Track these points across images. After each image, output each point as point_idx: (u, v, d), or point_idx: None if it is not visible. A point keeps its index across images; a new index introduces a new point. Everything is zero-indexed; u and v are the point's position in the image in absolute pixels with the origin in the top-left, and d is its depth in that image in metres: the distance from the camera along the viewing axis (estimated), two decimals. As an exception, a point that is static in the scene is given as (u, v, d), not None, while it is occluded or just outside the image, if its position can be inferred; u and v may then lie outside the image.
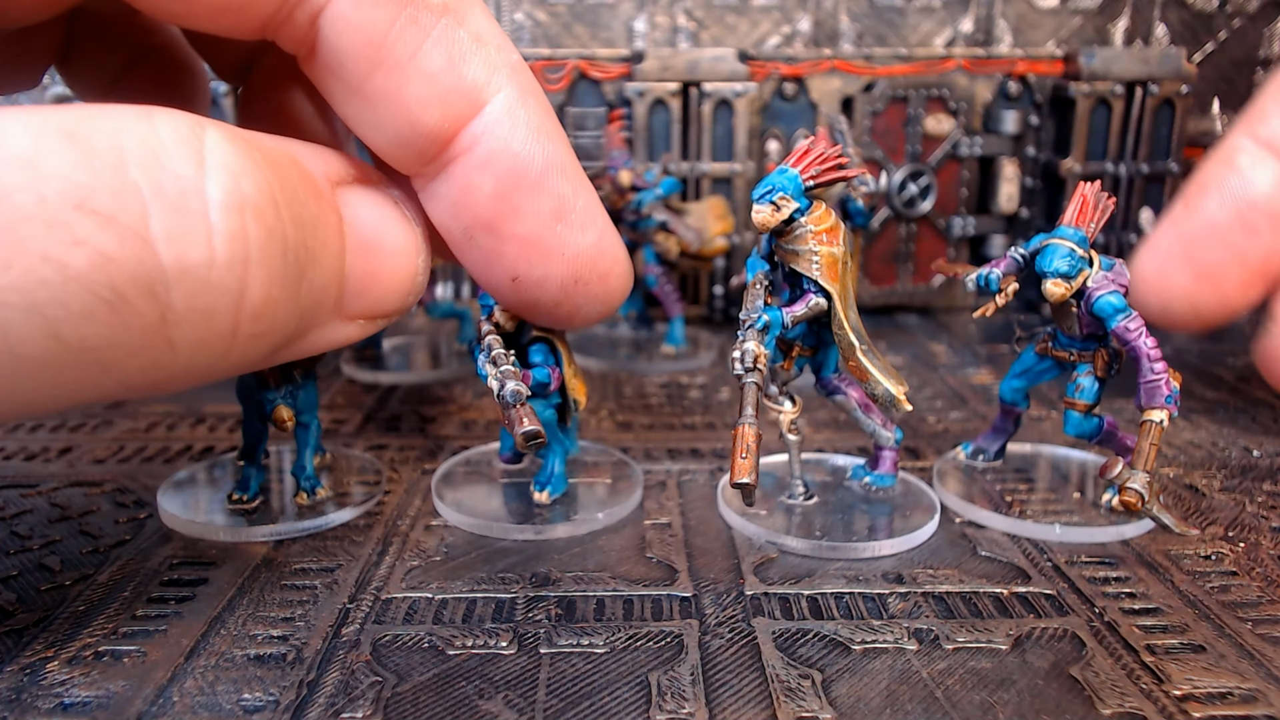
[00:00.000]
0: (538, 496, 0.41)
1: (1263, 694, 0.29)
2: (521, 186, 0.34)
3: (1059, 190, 0.74)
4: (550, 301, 0.36)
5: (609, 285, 0.37)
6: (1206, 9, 0.80)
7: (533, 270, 0.35)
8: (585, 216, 0.36)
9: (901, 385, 0.39)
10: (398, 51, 0.32)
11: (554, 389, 0.39)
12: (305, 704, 0.28)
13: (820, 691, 0.29)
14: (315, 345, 0.31)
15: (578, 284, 0.36)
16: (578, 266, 0.36)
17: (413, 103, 0.32)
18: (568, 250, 0.35)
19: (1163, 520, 0.36)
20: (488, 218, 0.34)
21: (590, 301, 0.37)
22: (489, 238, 0.35)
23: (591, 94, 0.73)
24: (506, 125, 0.33)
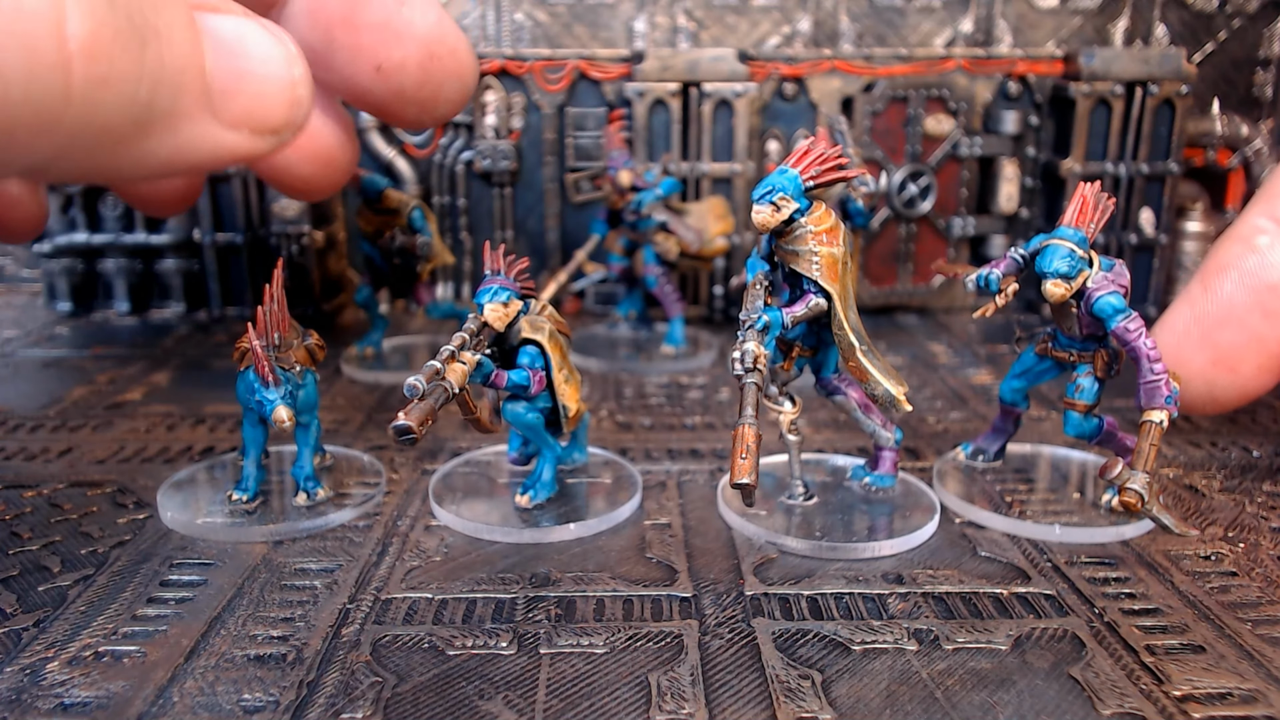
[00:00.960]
0: (519, 500, 0.40)
1: (1263, 694, 0.29)
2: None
3: (1059, 190, 0.74)
4: (414, 85, 0.41)
5: (460, 60, 0.42)
6: (1206, 9, 0.80)
7: (392, 53, 0.40)
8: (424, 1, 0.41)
9: (901, 385, 0.39)
10: None
11: (536, 392, 0.39)
12: (305, 704, 0.28)
13: (820, 692, 0.29)
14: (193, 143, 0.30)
15: (433, 59, 0.41)
16: (429, 43, 0.41)
17: None
18: (416, 29, 0.41)
19: (1163, 521, 0.36)
20: (342, 11, 0.39)
21: (448, 78, 0.42)
22: (346, 32, 0.40)
23: (591, 94, 0.73)
24: None
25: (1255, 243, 0.41)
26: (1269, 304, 0.40)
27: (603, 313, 0.74)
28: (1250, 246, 0.41)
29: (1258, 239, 0.41)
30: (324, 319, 0.72)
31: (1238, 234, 0.42)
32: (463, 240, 0.76)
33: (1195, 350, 0.41)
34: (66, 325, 0.72)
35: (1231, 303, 0.41)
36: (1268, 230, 0.41)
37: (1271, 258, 0.40)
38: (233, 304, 0.74)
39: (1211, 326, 0.41)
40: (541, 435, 0.40)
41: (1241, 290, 0.40)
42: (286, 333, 0.39)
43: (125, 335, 0.69)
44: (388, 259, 0.60)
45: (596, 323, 0.72)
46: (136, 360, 0.63)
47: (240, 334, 0.39)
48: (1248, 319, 0.40)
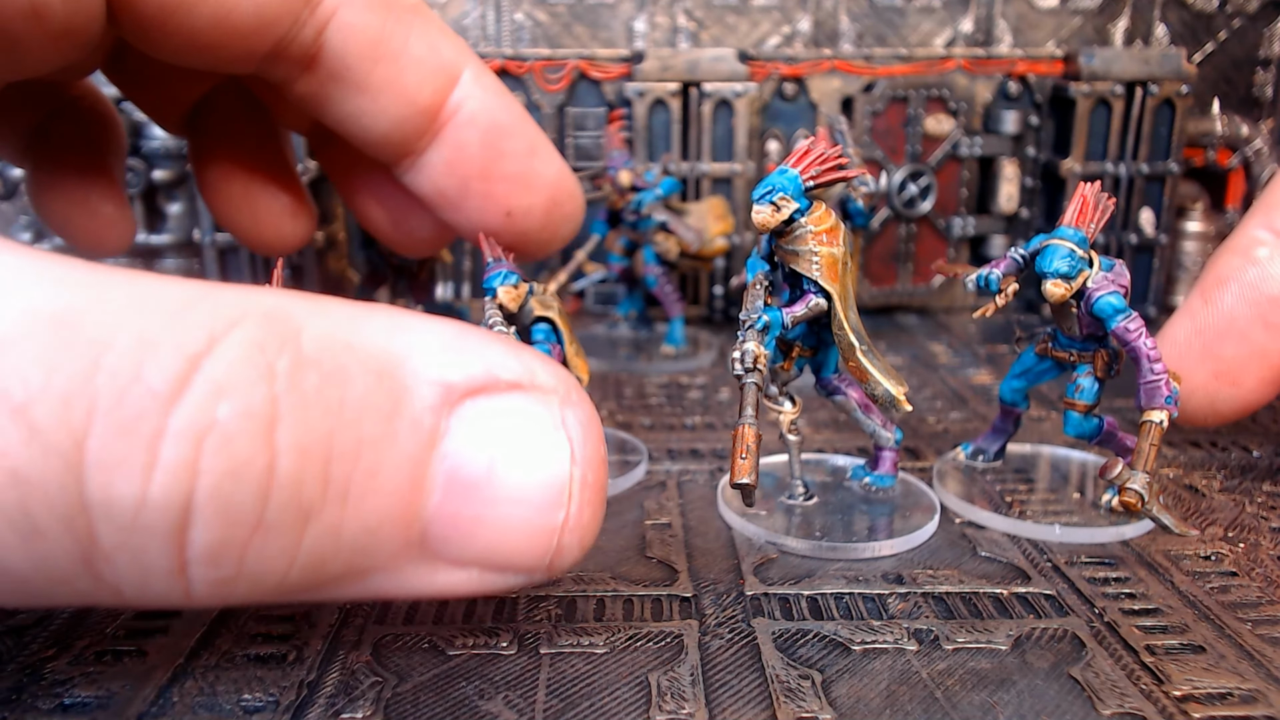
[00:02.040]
0: None
1: (1263, 694, 0.29)
2: (502, 133, 0.42)
3: (1059, 190, 0.74)
4: (537, 227, 0.44)
5: (576, 203, 0.46)
6: (1206, 9, 0.80)
7: (521, 201, 0.43)
8: (549, 151, 0.44)
9: (901, 385, 0.39)
10: (393, 45, 0.38)
11: None
12: (305, 704, 0.28)
13: (820, 692, 0.29)
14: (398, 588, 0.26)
15: (556, 205, 0.44)
16: (554, 190, 0.44)
17: (410, 86, 0.39)
18: (545, 179, 0.44)
19: (1163, 521, 0.36)
20: (480, 165, 0.42)
21: (564, 221, 0.45)
22: (482, 182, 0.42)
23: (591, 94, 0.73)
24: (479, 89, 0.41)
25: (1254, 255, 0.41)
26: (1270, 317, 0.40)
27: (603, 313, 0.74)
28: (1250, 259, 0.41)
29: (1257, 251, 0.41)
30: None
31: (1236, 246, 0.42)
32: (462, 240, 0.76)
33: (1197, 363, 0.41)
34: (66, 325, 0.72)
35: (1232, 315, 0.41)
36: (1267, 242, 0.41)
37: (1271, 270, 0.40)
38: (233, 304, 0.73)
39: (1213, 339, 0.41)
40: None
41: (1242, 303, 0.40)
42: None
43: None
44: (387, 258, 0.60)
45: (596, 323, 0.72)
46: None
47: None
48: (1249, 332, 0.40)
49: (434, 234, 0.49)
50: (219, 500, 0.22)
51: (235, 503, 0.22)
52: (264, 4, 0.35)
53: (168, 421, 0.21)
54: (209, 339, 0.22)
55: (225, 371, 0.22)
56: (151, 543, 0.22)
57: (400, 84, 0.39)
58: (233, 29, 0.35)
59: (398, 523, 0.24)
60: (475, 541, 0.25)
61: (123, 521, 0.21)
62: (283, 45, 0.36)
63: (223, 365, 0.22)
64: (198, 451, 0.21)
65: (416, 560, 0.25)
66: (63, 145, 0.47)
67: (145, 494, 0.21)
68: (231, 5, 0.34)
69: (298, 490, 0.23)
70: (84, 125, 0.47)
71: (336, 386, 0.23)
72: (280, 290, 0.24)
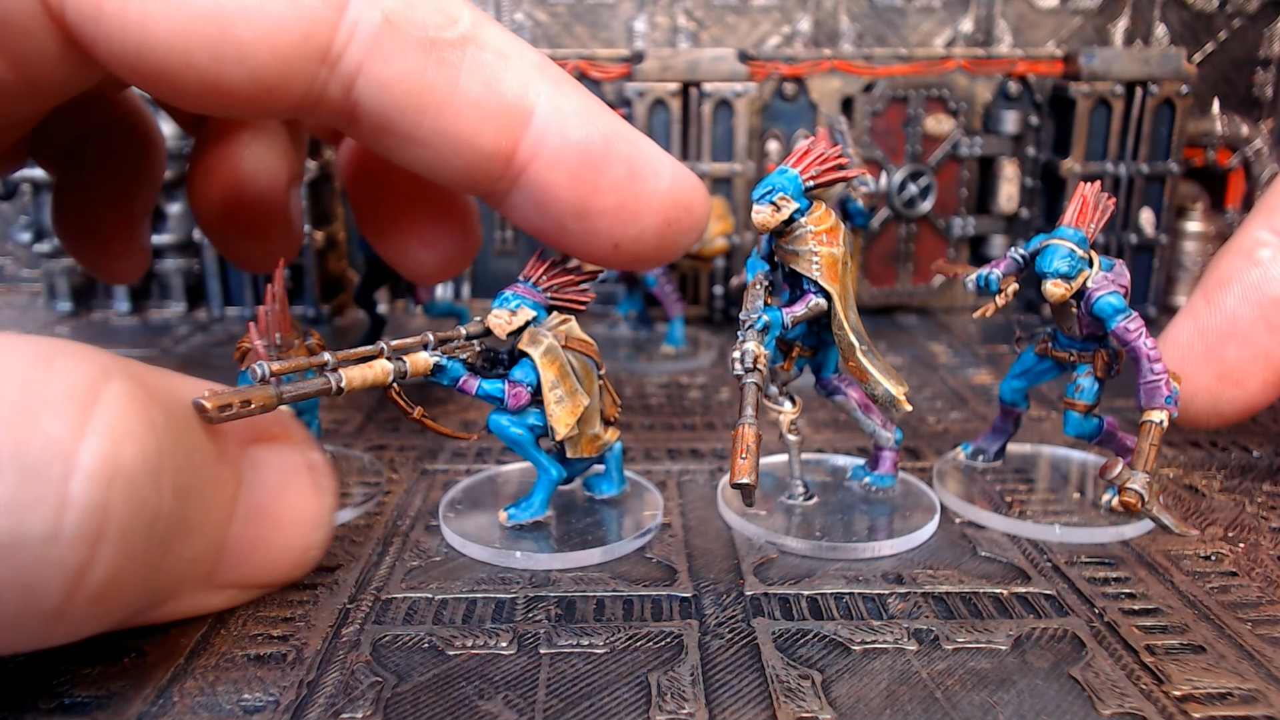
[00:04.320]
0: (500, 516, 0.39)
1: (1263, 694, 0.29)
2: (593, 166, 0.35)
3: (1059, 190, 0.74)
4: (651, 250, 0.38)
5: (695, 216, 0.38)
6: (1206, 9, 0.80)
7: (629, 231, 0.36)
8: (655, 165, 0.36)
9: (901, 386, 0.39)
10: (439, 93, 0.33)
11: (513, 406, 0.37)
12: (305, 704, 0.28)
13: (820, 692, 0.29)
14: (167, 615, 0.30)
15: (670, 225, 0.37)
16: (666, 211, 0.37)
17: (467, 133, 0.33)
18: (654, 201, 0.36)
19: (1163, 521, 0.36)
20: (574, 206, 0.35)
21: (684, 234, 0.38)
22: (580, 221, 0.36)
23: (591, 94, 0.73)
24: (558, 120, 0.35)
25: (1257, 256, 0.41)
26: (1273, 318, 0.40)
27: (603, 313, 0.74)
28: (1252, 260, 0.41)
29: (1260, 252, 0.41)
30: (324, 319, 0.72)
31: (1239, 247, 0.42)
32: (463, 240, 0.76)
33: (1200, 365, 0.41)
34: (67, 325, 0.72)
35: (1235, 317, 0.40)
36: (1269, 243, 0.41)
37: (1274, 271, 0.40)
38: (232, 304, 0.74)
39: (1215, 341, 0.41)
40: (529, 453, 0.38)
41: (1245, 305, 0.40)
42: (288, 333, 0.39)
43: (125, 335, 0.69)
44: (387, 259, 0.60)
45: (596, 323, 0.72)
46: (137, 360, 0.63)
47: (240, 334, 0.39)
48: (1253, 334, 0.40)
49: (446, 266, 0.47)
50: (123, 538, 0.24)
51: (133, 540, 0.24)
52: (261, 71, 0.31)
53: (74, 463, 0.23)
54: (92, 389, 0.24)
55: (118, 420, 0.24)
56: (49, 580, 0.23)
57: (454, 132, 0.33)
58: (231, 95, 0.31)
59: (212, 552, 0.29)
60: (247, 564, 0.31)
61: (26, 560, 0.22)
62: (309, 103, 0.33)
63: (113, 414, 0.24)
64: (109, 493, 0.23)
65: (201, 586, 0.30)
66: (91, 165, 0.46)
67: (58, 532, 0.22)
68: (220, 74, 0.30)
69: (169, 528, 0.26)
70: (118, 149, 0.46)
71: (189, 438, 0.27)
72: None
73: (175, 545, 0.27)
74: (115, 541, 0.24)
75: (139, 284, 0.73)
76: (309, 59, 0.31)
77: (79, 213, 0.47)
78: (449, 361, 0.36)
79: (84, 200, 0.47)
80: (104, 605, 0.25)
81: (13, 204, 0.74)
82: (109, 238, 0.47)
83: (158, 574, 0.26)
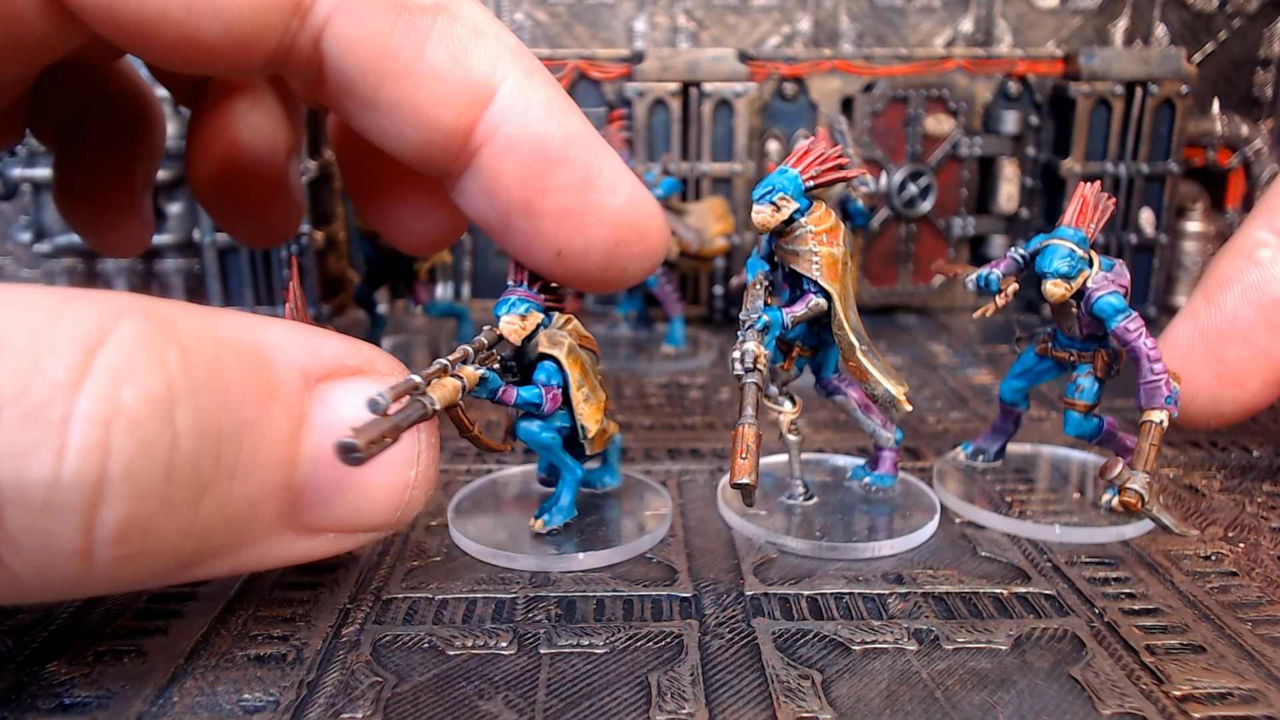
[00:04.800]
0: (533, 524, 0.38)
1: (1263, 694, 0.29)
2: (547, 163, 0.34)
3: (1059, 190, 0.74)
4: (596, 268, 0.36)
5: (649, 241, 0.37)
6: (1206, 9, 0.80)
7: (573, 242, 0.35)
8: (613, 179, 0.35)
9: (901, 385, 0.39)
10: (402, 58, 0.32)
11: (549, 410, 0.37)
12: (305, 704, 0.28)
13: (820, 692, 0.29)
14: (260, 560, 0.29)
15: (619, 245, 0.36)
16: (616, 229, 0.35)
17: (426, 105, 0.32)
18: (604, 215, 0.35)
19: (1163, 521, 0.36)
20: (520, 200, 0.34)
21: (634, 260, 0.37)
22: (525, 219, 0.35)
23: (591, 94, 0.73)
24: (520, 108, 0.33)
25: (1257, 256, 0.41)
26: (1273, 318, 0.40)
27: (603, 313, 0.74)
28: (1252, 260, 0.41)
29: (1260, 252, 0.41)
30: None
31: (1239, 247, 0.42)
32: (462, 240, 0.76)
33: (1200, 365, 0.41)
34: (66, 325, 0.72)
35: (1235, 318, 0.40)
36: (1269, 244, 0.41)
37: (1274, 272, 0.40)
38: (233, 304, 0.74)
39: (1216, 341, 0.41)
40: (558, 456, 0.38)
41: (1245, 305, 0.40)
42: None
43: (125, 335, 0.69)
44: (386, 258, 0.60)
45: (596, 323, 0.72)
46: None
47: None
48: (1253, 334, 0.40)
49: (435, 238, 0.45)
50: (130, 478, 0.23)
51: (145, 480, 0.24)
52: (235, 22, 0.30)
53: (73, 406, 0.23)
54: (99, 331, 0.24)
55: (122, 360, 0.23)
56: (62, 523, 0.23)
57: (414, 103, 0.32)
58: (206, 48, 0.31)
59: (274, 494, 0.27)
60: (337, 507, 0.29)
61: (33, 504, 0.22)
62: (280, 55, 0.32)
63: (118, 355, 0.23)
64: (107, 433, 0.23)
65: (283, 530, 0.29)
66: (90, 138, 0.46)
67: (57, 476, 0.22)
68: (195, 26, 0.30)
69: (196, 467, 0.25)
70: (116, 120, 0.46)
71: (218, 374, 0.26)
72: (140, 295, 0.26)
73: (216, 487, 0.26)
74: (123, 482, 0.23)
75: (138, 284, 0.73)
76: (281, 9, 0.30)
77: (80, 186, 0.46)
78: (489, 373, 0.35)
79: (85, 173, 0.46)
80: (133, 547, 0.24)
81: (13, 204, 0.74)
82: (111, 210, 0.47)
83: (198, 517, 0.26)
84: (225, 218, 0.47)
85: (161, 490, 0.24)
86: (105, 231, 0.48)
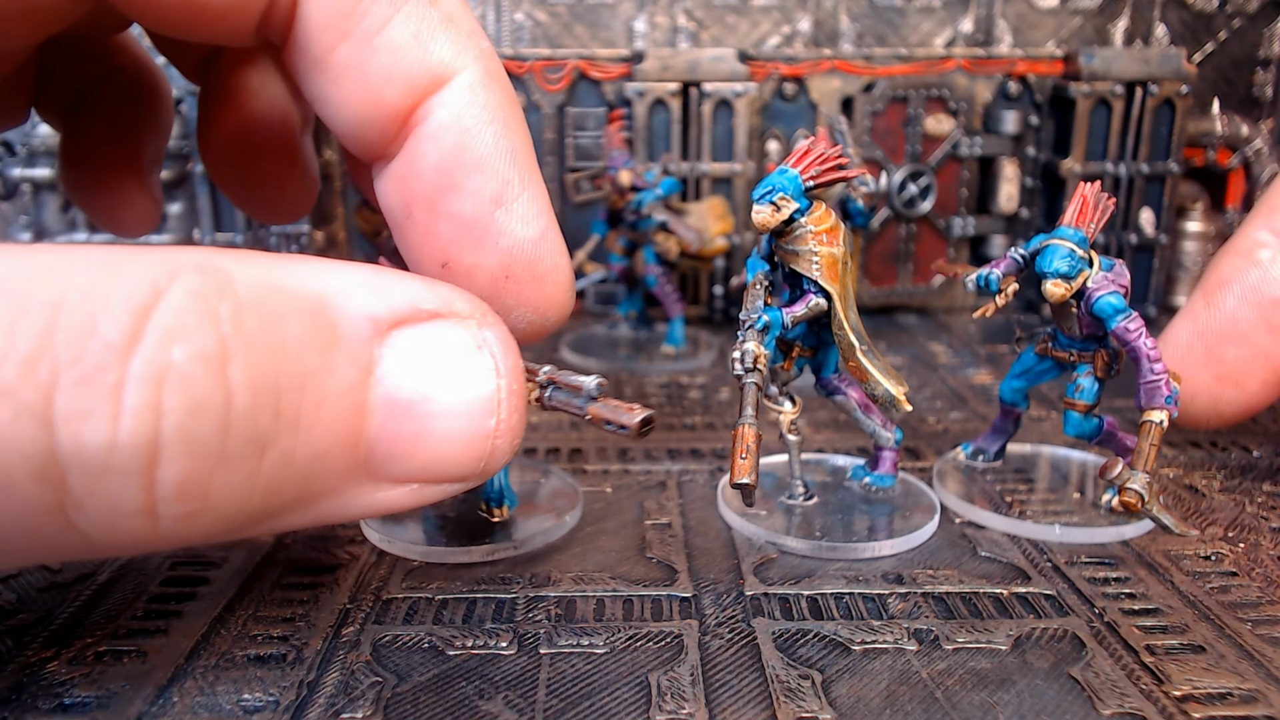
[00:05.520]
0: (498, 514, 0.38)
1: (1263, 694, 0.29)
2: (464, 163, 0.33)
3: (1059, 190, 0.74)
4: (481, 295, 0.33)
5: (543, 290, 0.34)
6: (1206, 9, 0.80)
7: (464, 256, 0.33)
8: (530, 210, 0.34)
9: (901, 385, 0.39)
10: (366, 24, 0.31)
11: None
12: (305, 704, 0.28)
13: (820, 692, 0.29)
14: (343, 511, 0.28)
15: (509, 280, 0.34)
16: (510, 259, 0.34)
17: (376, 76, 0.32)
18: (503, 240, 0.33)
19: (1163, 521, 0.36)
20: (427, 191, 0.33)
21: (521, 304, 0.34)
22: (426, 214, 0.33)
23: (591, 94, 0.73)
24: (463, 102, 0.32)
25: (1257, 257, 0.41)
26: (1273, 319, 0.40)
27: (603, 313, 0.74)
28: (1252, 260, 0.41)
29: (1259, 253, 0.41)
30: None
31: (1238, 248, 0.42)
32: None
33: (1200, 366, 0.41)
34: (66, 325, 0.72)
35: (1235, 318, 0.40)
36: (1269, 244, 0.41)
37: (1273, 272, 0.40)
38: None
39: (1215, 342, 0.41)
40: None
41: (1245, 305, 0.40)
42: None
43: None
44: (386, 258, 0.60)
45: (596, 323, 0.72)
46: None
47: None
48: (1252, 335, 0.40)
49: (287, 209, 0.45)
50: (184, 437, 0.23)
51: (199, 438, 0.23)
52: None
53: (127, 369, 0.23)
54: (154, 290, 0.23)
55: (174, 319, 0.23)
56: (122, 485, 0.23)
57: (363, 72, 0.31)
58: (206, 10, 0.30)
59: (344, 447, 0.26)
60: (415, 458, 0.27)
61: (94, 467, 0.22)
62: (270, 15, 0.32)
63: (170, 314, 0.23)
64: (159, 393, 0.23)
65: (360, 481, 0.27)
66: (97, 115, 0.45)
67: (114, 439, 0.22)
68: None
69: (254, 423, 0.24)
70: (123, 97, 0.45)
71: (275, 326, 0.25)
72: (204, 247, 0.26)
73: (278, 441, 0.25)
74: (177, 442, 0.23)
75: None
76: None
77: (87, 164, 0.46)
78: None
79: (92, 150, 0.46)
80: (196, 504, 0.24)
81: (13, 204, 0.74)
82: (118, 187, 0.46)
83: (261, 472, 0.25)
84: (240, 193, 0.46)
85: (218, 447, 0.24)
86: (114, 209, 0.47)
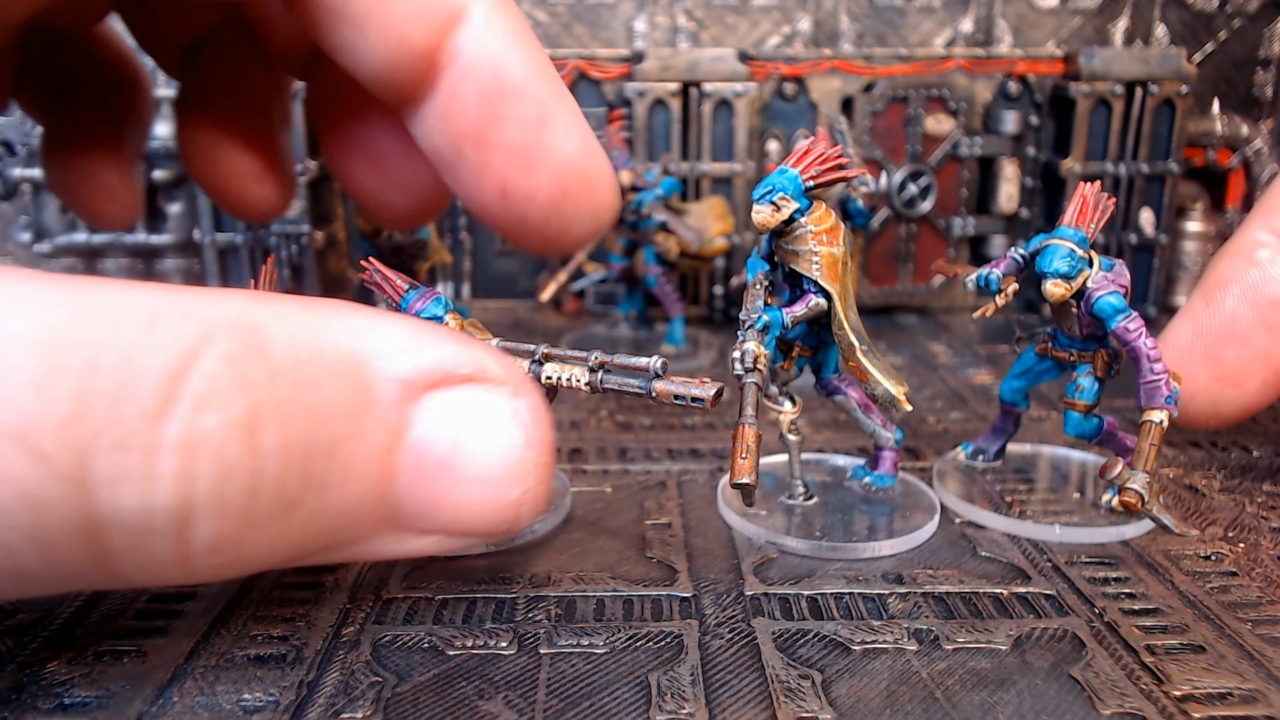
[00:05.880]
0: None
1: (1263, 694, 0.29)
2: (504, 92, 0.34)
3: (1059, 190, 0.74)
4: (540, 217, 0.36)
5: (596, 197, 0.36)
6: (1206, 9, 0.80)
7: (520, 181, 0.35)
8: (569, 123, 0.35)
9: (901, 385, 0.39)
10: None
11: None
12: (305, 704, 0.28)
13: (820, 692, 0.29)
14: (371, 554, 0.28)
15: (565, 195, 0.36)
16: (564, 175, 0.35)
17: (399, 19, 0.32)
18: (554, 157, 0.35)
19: (1163, 521, 0.36)
20: (474, 127, 0.34)
21: (579, 215, 0.36)
22: (476, 149, 0.34)
23: (591, 94, 0.73)
24: (487, 33, 0.33)
25: (1256, 257, 0.41)
26: (1272, 319, 0.40)
27: (603, 313, 0.74)
28: (1251, 260, 0.41)
29: (1259, 253, 0.41)
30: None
31: (1238, 248, 0.42)
32: (462, 240, 0.76)
33: (1199, 366, 0.41)
34: (66, 325, 0.72)
35: (1234, 318, 0.40)
36: (1268, 244, 0.41)
37: (1273, 272, 0.40)
38: (233, 304, 0.74)
39: (1214, 342, 0.41)
40: None
41: (1244, 305, 0.40)
42: None
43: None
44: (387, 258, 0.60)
45: (596, 323, 0.72)
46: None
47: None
48: (1251, 335, 0.40)
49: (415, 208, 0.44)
50: (214, 500, 0.24)
51: (230, 502, 0.24)
52: None
53: (161, 435, 0.23)
54: (188, 354, 0.23)
55: (207, 386, 0.23)
56: (158, 542, 0.23)
57: (386, 18, 0.32)
58: None
59: (370, 505, 0.27)
60: (441, 515, 0.28)
61: (131, 527, 0.23)
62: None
63: (204, 380, 0.23)
64: (192, 460, 0.23)
65: (388, 531, 0.28)
66: (77, 106, 0.45)
67: (149, 503, 0.23)
68: None
69: (282, 487, 0.24)
70: (103, 87, 0.45)
71: (308, 391, 0.25)
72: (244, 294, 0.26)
73: (305, 502, 0.25)
74: (208, 506, 0.23)
75: (139, 284, 0.74)
76: None
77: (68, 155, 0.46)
78: None
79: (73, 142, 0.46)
80: (228, 557, 0.25)
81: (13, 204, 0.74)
82: (99, 179, 0.46)
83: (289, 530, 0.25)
84: (217, 190, 0.46)
85: (247, 510, 0.24)
86: (95, 201, 0.47)
